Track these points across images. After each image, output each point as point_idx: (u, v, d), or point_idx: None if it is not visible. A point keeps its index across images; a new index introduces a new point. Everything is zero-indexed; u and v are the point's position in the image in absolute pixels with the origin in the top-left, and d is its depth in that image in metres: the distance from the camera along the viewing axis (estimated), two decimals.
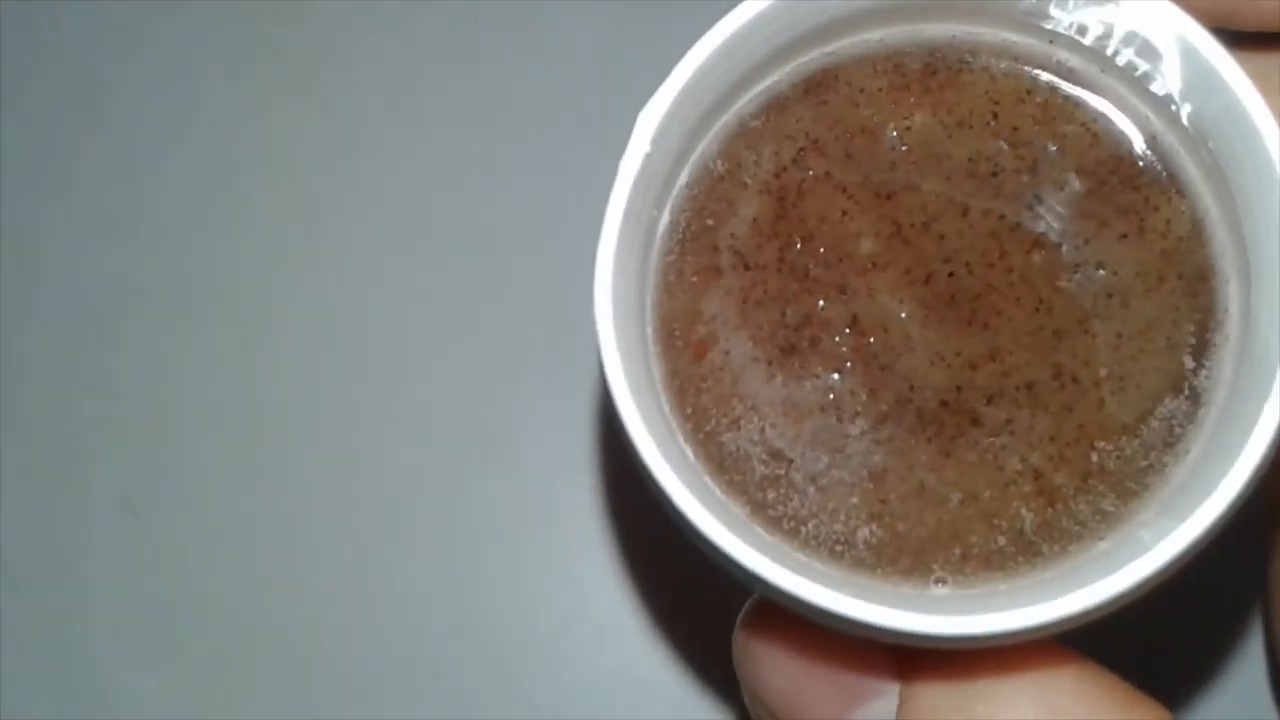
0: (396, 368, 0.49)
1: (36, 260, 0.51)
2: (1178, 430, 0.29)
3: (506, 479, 0.48)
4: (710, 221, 0.31)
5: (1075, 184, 0.30)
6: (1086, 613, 0.26)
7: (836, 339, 0.30)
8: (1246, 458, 0.25)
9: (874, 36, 0.31)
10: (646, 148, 0.28)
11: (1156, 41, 0.28)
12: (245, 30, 0.53)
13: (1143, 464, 0.29)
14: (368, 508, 0.48)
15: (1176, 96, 0.29)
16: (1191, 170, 0.29)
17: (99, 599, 0.48)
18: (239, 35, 0.53)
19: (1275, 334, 0.26)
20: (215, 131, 0.52)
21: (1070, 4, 0.29)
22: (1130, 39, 0.29)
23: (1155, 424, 0.29)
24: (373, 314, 0.50)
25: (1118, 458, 0.29)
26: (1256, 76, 0.33)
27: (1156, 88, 0.29)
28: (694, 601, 0.46)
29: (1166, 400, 0.29)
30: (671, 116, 0.28)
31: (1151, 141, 0.30)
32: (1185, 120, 0.29)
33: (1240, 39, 0.33)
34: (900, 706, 0.30)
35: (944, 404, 0.29)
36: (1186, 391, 0.29)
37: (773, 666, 0.31)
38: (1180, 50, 0.28)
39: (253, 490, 0.49)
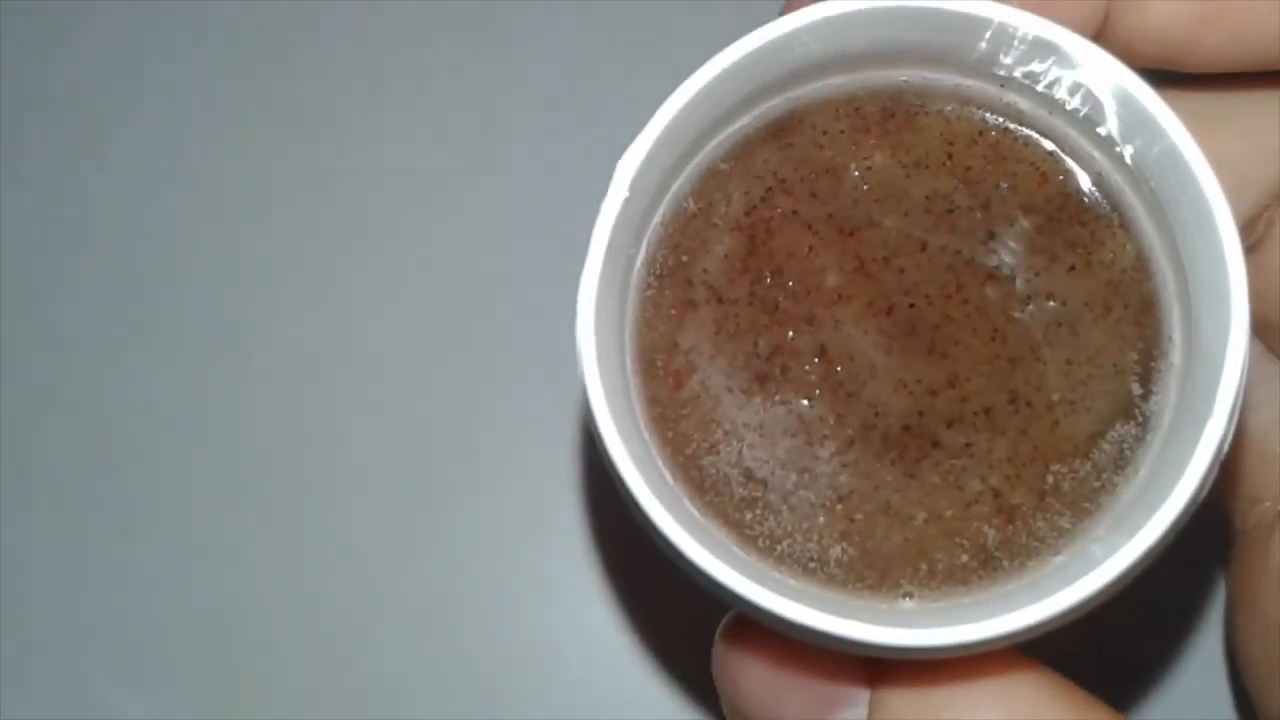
0: (386, 389, 0.50)
1: (20, 281, 0.52)
2: (1127, 452, 0.31)
3: (495, 498, 0.49)
4: (685, 258, 0.32)
5: (1026, 220, 0.32)
6: (1044, 623, 0.27)
7: (806, 368, 0.31)
8: (1189, 476, 0.27)
9: (836, 82, 0.33)
10: (625, 193, 0.29)
11: (1097, 89, 0.30)
12: (226, 47, 0.54)
13: (1095, 484, 0.31)
14: (358, 528, 0.49)
15: (1118, 139, 0.31)
16: (1135, 206, 0.31)
17: (93, 621, 0.49)
18: (219, 51, 0.54)
19: (1214, 359, 0.28)
20: (199, 152, 0.53)
21: (1018, 54, 0.31)
22: (1075, 86, 0.30)
23: (1106, 446, 0.31)
24: (362, 335, 0.51)
25: (1072, 478, 0.31)
26: (1199, 114, 0.36)
27: (1101, 130, 0.31)
28: (677, 617, 0.47)
29: (1117, 424, 0.31)
30: (648, 162, 0.30)
31: (1097, 179, 0.32)
32: (1128, 160, 0.31)
33: (1183, 79, 0.35)
34: (870, 715, 0.32)
35: (907, 428, 0.31)
36: (1134, 415, 0.31)
37: (750, 678, 0.33)
38: (1119, 98, 0.30)
39: (240, 509, 0.50)
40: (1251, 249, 0.38)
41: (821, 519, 0.31)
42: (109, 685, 0.48)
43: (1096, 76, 0.30)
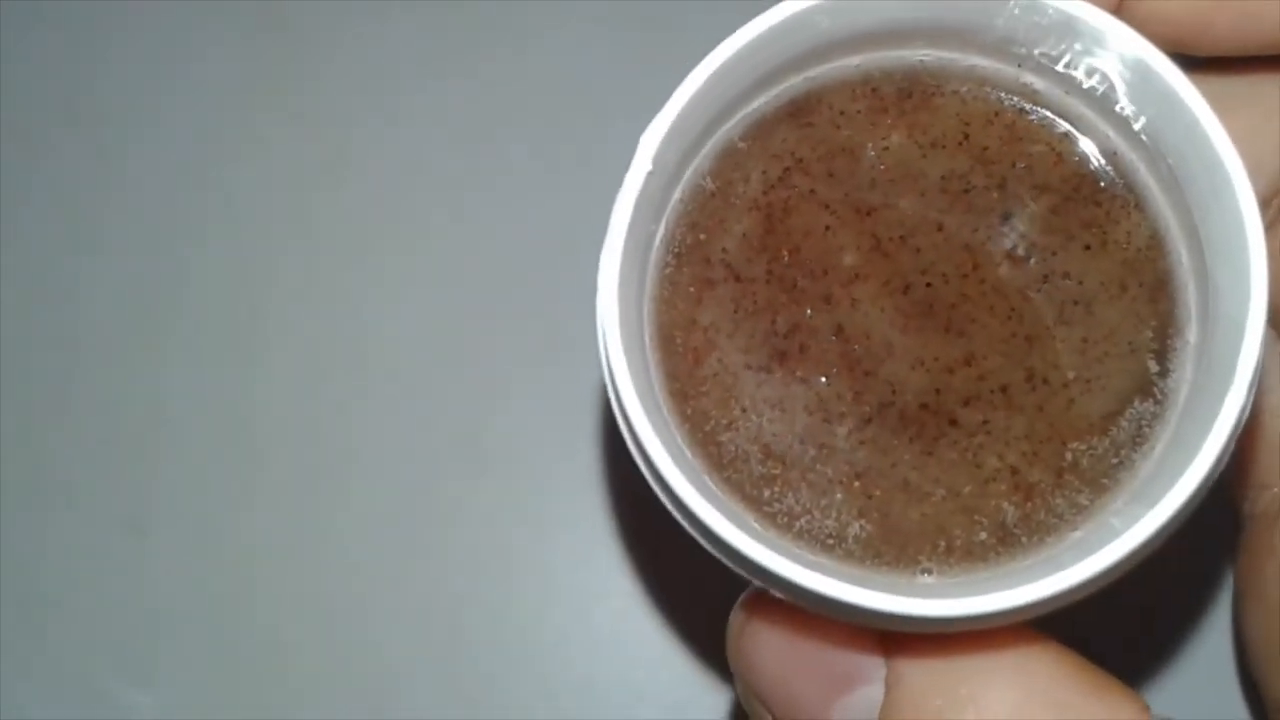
0: (395, 382, 0.51)
1: (34, 283, 0.52)
2: (1145, 429, 0.31)
3: (505, 487, 0.49)
4: (703, 236, 0.32)
5: (1042, 200, 0.32)
6: (1062, 595, 0.27)
7: (823, 346, 0.32)
8: (1209, 448, 0.27)
9: (853, 62, 0.33)
10: (649, 166, 0.29)
11: (1118, 65, 0.30)
12: (235, 48, 0.54)
13: (1114, 461, 0.31)
14: (368, 519, 0.49)
15: (1136, 116, 0.31)
16: (1150, 184, 0.32)
17: (101, 615, 0.49)
18: (229, 52, 0.54)
19: (1233, 332, 0.28)
20: (202, 152, 0.53)
21: (1035, 31, 0.31)
22: (1093, 63, 0.31)
23: (1124, 423, 0.31)
24: (371, 329, 0.51)
25: (1090, 455, 0.31)
26: (1213, 98, 0.36)
27: (1118, 107, 0.31)
28: (689, 605, 0.47)
29: (1135, 401, 0.31)
30: (670, 138, 0.30)
31: (1112, 158, 0.32)
32: (1145, 138, 0.31)
33: (1197, 63, 0.36)
34: (888, 691, 0.32)
35: (924, 406, 0.31)
36: (1152, 392, 0.31)
37: (765, 656, 0.33)
38: (1140, 73, 0.30)
39: (252, 508, 0.50)
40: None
41: (839, 495, 0.31)
42: (118, 681, 0.48)
43: (1115, 49, 0.30)
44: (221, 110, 0.54)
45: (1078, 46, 0.31)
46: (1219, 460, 0.28)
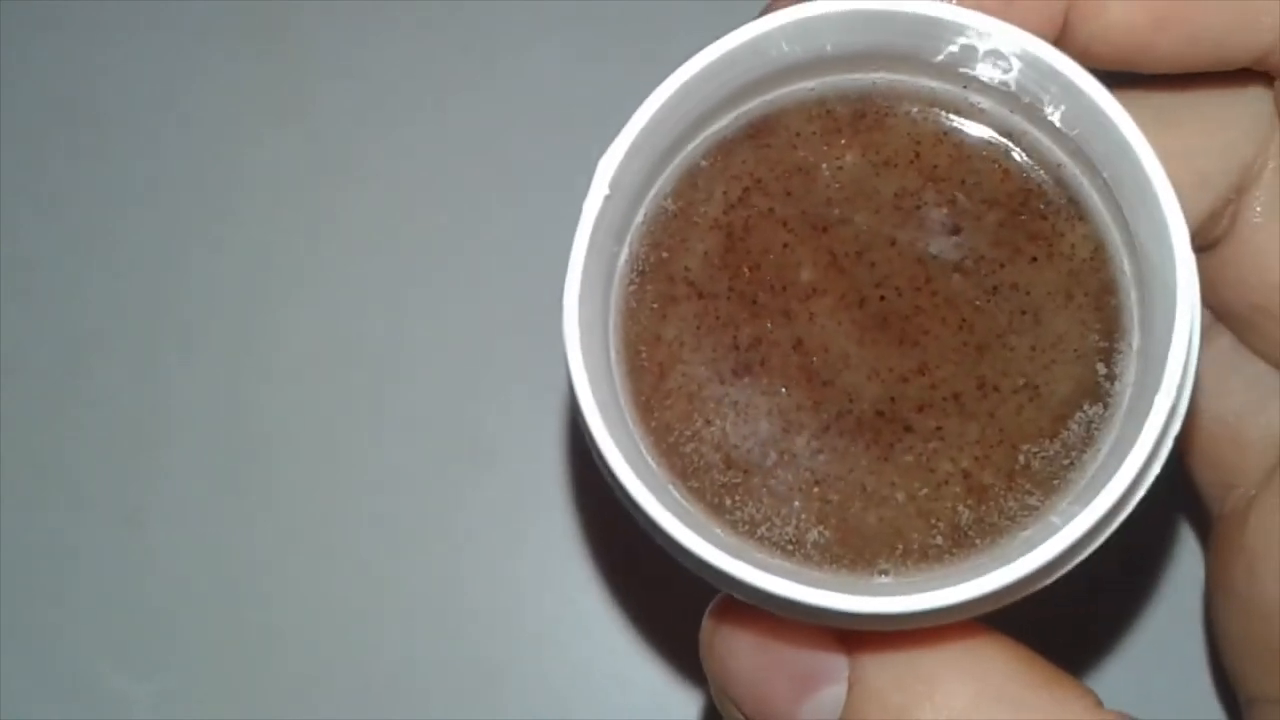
0: (389, 383, 0.52)
1: (34, 280, 0.53)
2: (1094, 431, 0.32)
3: (491, 488, 0.51)
4: (666, 255, 0.34)
5: (990, 215, 0.33)
6: (1006, 590, 0.29)
7: (783, 358, 0.33)
8: (1139, 448, 0.29)
9: (808, 85, 0.34)
10: (606, 191, 0.31)
11: (1050, 86, 0.32)
12: (231, 57, 0.56)
13: (1065, 463, 0.32)
14: (357, 516, 0.51)
15: (1070, 131, 0.32)
16: (1093, 196, 0.33)
17: (97, 606, 0.50)
18: (225, 62, 0.55)
19: (1166, 336, 0.29)
20: (203, 154, 0.54)
21: (977, 56, 0.32)
22: (1030, 85, 0.32)
23: (1074, 426, 0.32)
24: (360, 331, 0.53)
25: (1041, 458, 0.32)
26: (1160, 114, 0.37)
27: (1056, 124, 0.33)
28: (668, 603, 0.48)
29: (1084, 405, 0.32)
30: (628, 161, 0.31)
31: (1057, 173, 0.33)
32: (1082, 151, 0.32)
33: (1143, 80, 0.37)
34: (850, 690, 0.33)
35: (880, 414, 0.33)
36: (1100, 396, 0.32)
37: (736, 659, 0.35)
38: (1070, 93, 0.31)
39: (245, 502, 0.51)
40: (1215, 244, 0.39)
41: (798, 503, 0.32)
42: (115, 674, 0.50)
43: (1047, 73, 0.31)
44: (221, 114, 0.55)
45: (1014, 70, 0.32)
46: (1149, 459, 0.29)
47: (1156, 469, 0.30)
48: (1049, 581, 0.30)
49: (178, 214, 0.54)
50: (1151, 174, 0.30)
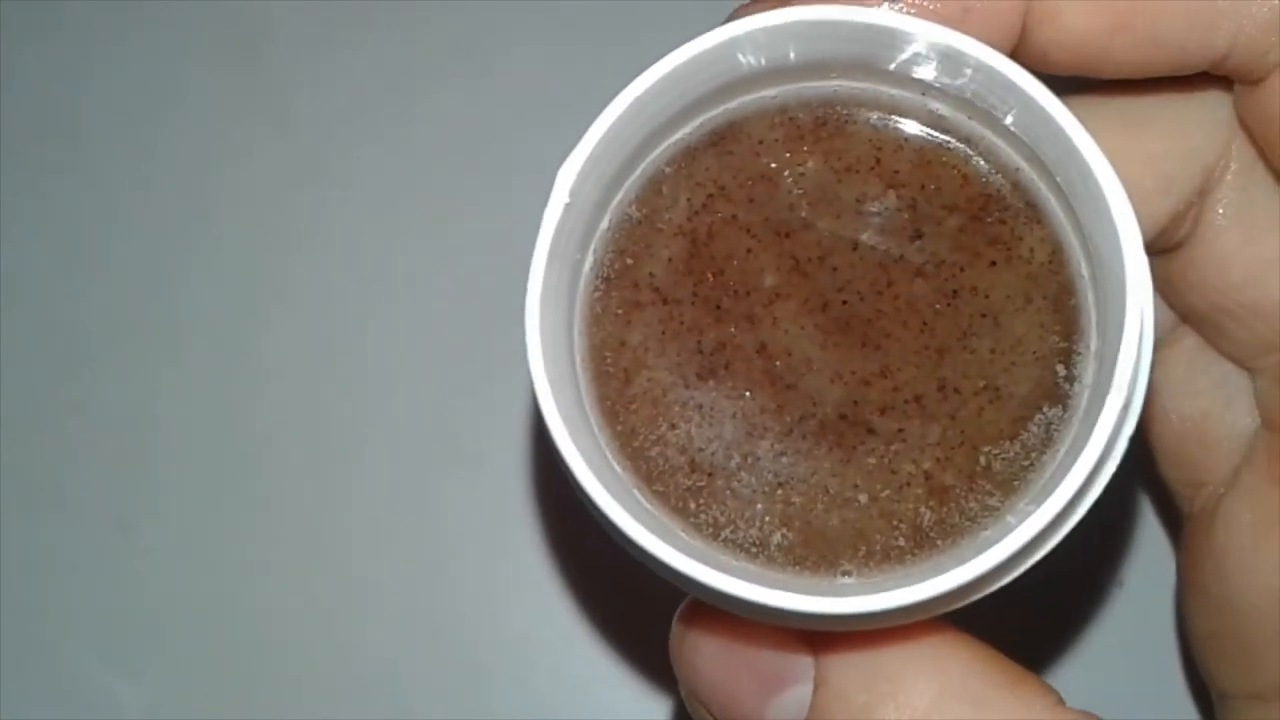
0: (368, 387, 0.53)
1: (23, 289, 0.54)
2: (1053, 432, 0.33)
3: (475, 492, 0.51)
4: (630, 261, 0.34)
5: (950, 220, 0.34)
6: (963, 589, 0.29)
7: (747, 362, 0.34)
8: (1091, 448, 0.29)
9: (770, 94, 0.35)
10: (566, 198, 0.31)
11: (1004, 95, 0.32)
12: (216, 65, 0.56)
13: (1024, 464, 0.33)
14: (344, 520, 0.51)
15: (1024, 136, 0.33)
16: (1050, 200, 0.34)
17: (90, 610, 0.51)
18: (210, 71, 0.56)
19: (1118, 339, 0.30)
20: (189, 162, 0.55)
21: (930, 63, 0.33)
22: (983, 91, 0.33)
23: (1034, 428, 0.33)
24: (347, 337, 0.53)
25: (1002, 459, 0.33)
26: (1122, 118, 0.38)
27: (1010, 129, 0.33)
28: (650, 605, 0.49)
29: (1043, 407, 0.33)
30: (588, 169, 0.32)
31: (1014, 176, 0.34)
32: (1037, 156, 0.33)
33: (1105, 85, 0.37)
34: (815, 690, 0.33)
35: (843, 417, 0.33)
36: (1059, 398, 0.33)
37: (704, 660, 0.35)
38: (1020, 100, 0.32)
39: (235, 506, 0.52)
40: (1178, 246, 0.40)
41: (761, 505, 0.33)
42: (108, 677, 0.50)
43: (999, 82, 0.32)
44: (208, 124, 0.56)
45: (966, 76, 0.32)
46: (1101, 459, 0.29)
47: (1111, 468, 0.30)
48: (1008, 580, 0.31)
49: (164, 221, 0.55)
50: (1100, 176, 0.30)
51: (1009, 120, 0.33)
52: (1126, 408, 0.30)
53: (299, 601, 0.51)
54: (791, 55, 0.33)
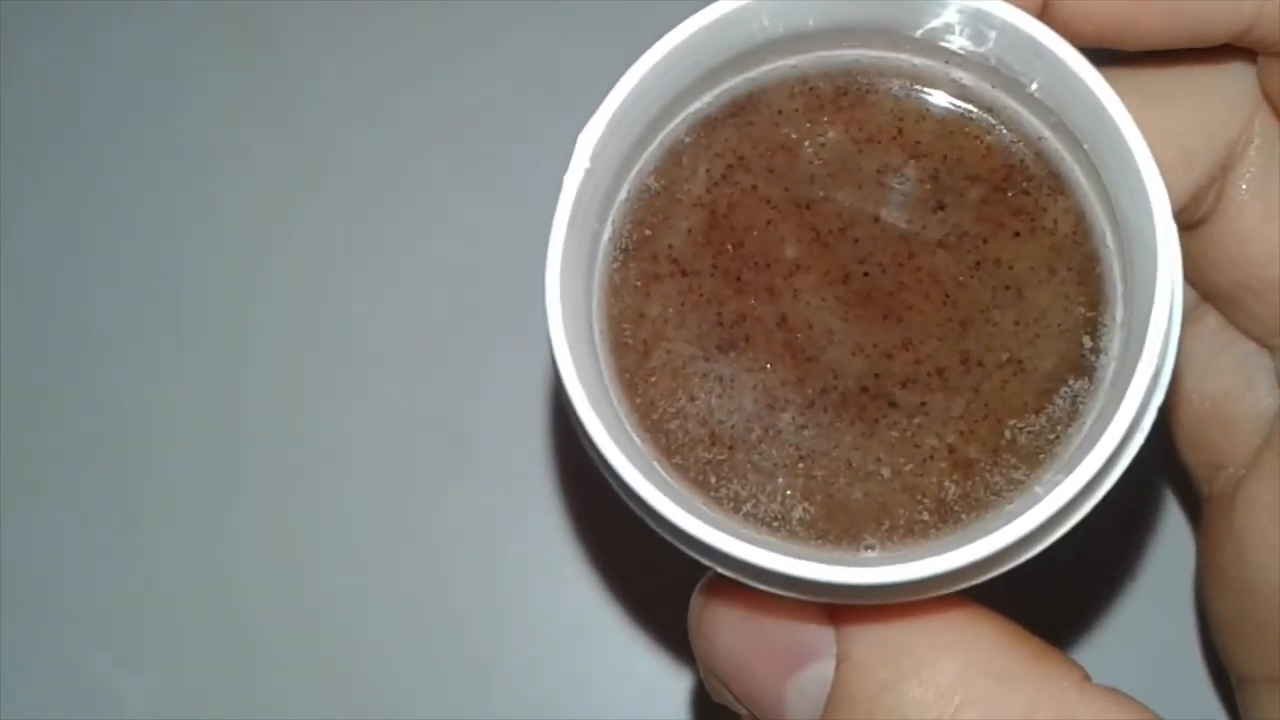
0: (376, 380, 0.52)
1: (27, 285, 0.54)
2: (1079, 405, 0.32)
3: (477, 486, 0.51)
4: (649, 232, 0.34)
5: (973, 190, 0.33)
6: (989, 560, 0.29)
7: (767, 335, 0.33)
8: (1120, 418, 0.29)
9: (790, 63, 0.34)
10: (587, 164, 0.31)
11: (1032, 60, 0.32)
12: (213, 60, 0.56)
13: (1050, 437, 0.32)
14: (344, 515, 0.51)
15: (1051, 104, 0.32)
16: (1074, 170, 0.33)
17: (93, 604, 0.51)
18: (207, 66, 0.56)
19: (1147, 307, 0.29)
20: (189, 164, 0.55)
21: (957, 28, 0.32)
22: (1011, 59, 0.32)
23: (1059, 400, 0.32)
24: (353, 328, 0.53)
25: (1027, 432, 0.32)
26: (1145, 91, 0.37)
27: (1037, 96, 0.33)
28: (655, 600, 0.49)
29: (1069, 379, 0.32)
30: (608, 136, 0.31)
31: (1039, 147, 0.33)
32: (1063, 124, 0.32)
33: (1128, 57, 0.37)
34: (837, 667, 0.33)
35: (864, 390, 0.33)
36: (1085, 369, 0.33)
37: (723, 637, 0.35)
38: (1049, 64, 0.31)
39: (236, 502, 0.51)
40: (1200, 222, 0.39)
41: (782, 479, 0.32)
42: (109, 669, 0.50)
43: (1028, 47, 0.31)
44: (206, 118, 0.55)
45: (995, 42, 0.32)
46: (1130, 429, 0.29)
47: (1139, 439, 0.30)
48: (1033, 553, 0.30)
49: (164, 218, 0.54)
50: (1132, 142, 0.30)
51: (1034, 87, 0.32)
52: (1156, 377, 0.29)
53: (300, 598, 0.51)
54: (812, 21, 0.33)
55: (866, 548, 0.32)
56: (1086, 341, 0.33)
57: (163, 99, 0.56)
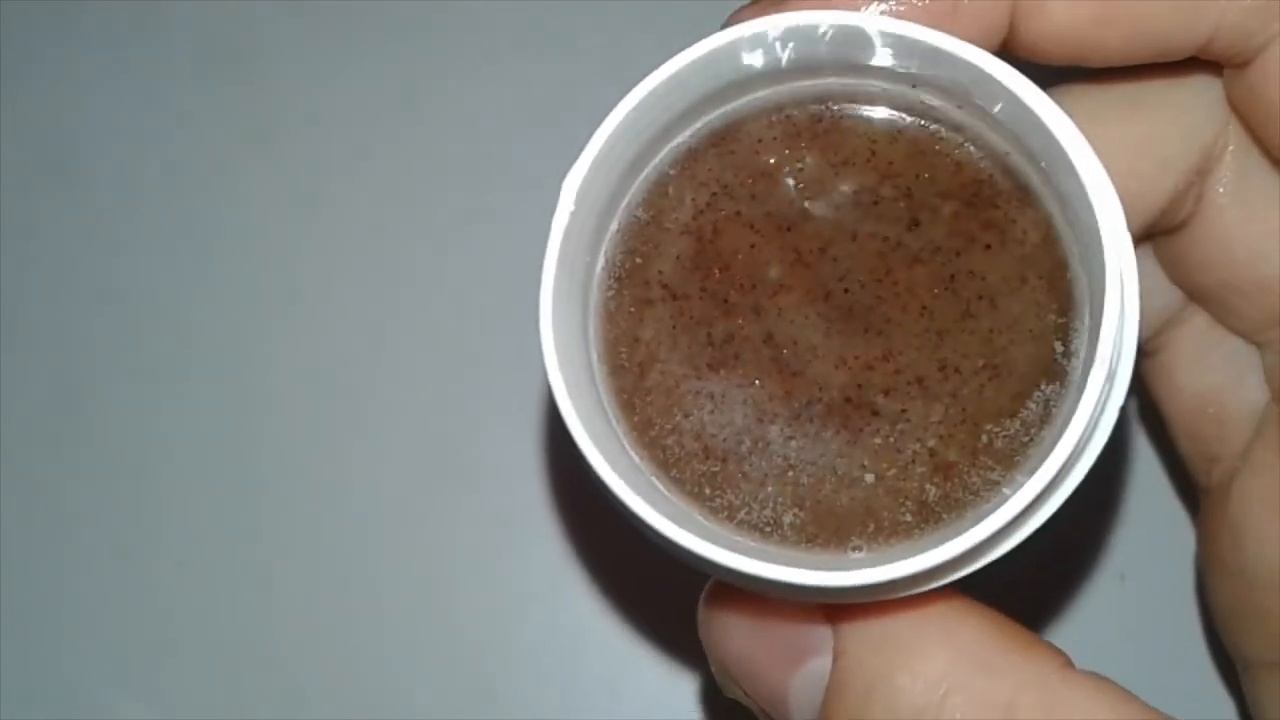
0: (370, 405, 0.53)
1: (27, 320, 0.55)
2: (1052, 408, 0.34)
3: (479, 503, 0.52)
4: (640, 260, 0.36)
5: (945, 207, 0.35)
6: (964, 556, 0.31)
7: (755, 352, 0.35)
8: (1076, 420, 0.30)
9: (766, 94, 0.36)
10: (571, 206, 0.33)
11: (987, 87, 0.33)
12: (203, 93, 0.57)
13: (1025, 439, 0.34)
14: (349, 534, 0.52)
15: (1011, 126, 0.34)
16: (1037, 183, 0.35)
17: (94, 627, 0.52)
18: (198, 99, 0.57)
19: (1108, 312, 0.31)
20: (187, 187, 0.56)
21: (915, 61, 0.34)
22: (968, 84, 0.34)
23: (1033, 405, 0.34)
24: (346, 355, 0.54)
25: (1004, 436, 0.34)
26: (1118, 105, 0.39)
27: (1000, 118, 0.34)
28: (656, 613, 0.50)
29: (1041, 384, 0.34)
30: (592, 176, 0.33)
31: (1004, 161, 0.35)
32: (1023, 142, 0.34)
33: (1099, 71, 0.38)
34: (834, 661, 0.35)
35: (848, 400, 0.35)
36: (1057, 374, 0.34)
37: (730, 637, 0.37)
38: (1005, 94, 0.33)
39: (232, 528, 0.52)
40: (1182, 226, 0.41)
41: (772, 488, 0.34)
42: (117, 698, 0.51)
43: (980, 76, 0.33)
44: (206, 142, 0.56)
45: (949, 70, 0.34)
46: (1087, 430, 0.30)
47: (1101, 439, 0.31)
48: (1008, 547, 0.32)
49: (163, 241, 0.55)
50: (1072, 153, 0.31)
51: (997, 110, 0.34)
52: (1111, 379, 0.31)
53: (304, 618, 0.52)
54: (785, 58, 0.35)
55: (854, 549, 0.34)
56: (1058, 346, 0.34)
57: (160, 125, 0.56)
